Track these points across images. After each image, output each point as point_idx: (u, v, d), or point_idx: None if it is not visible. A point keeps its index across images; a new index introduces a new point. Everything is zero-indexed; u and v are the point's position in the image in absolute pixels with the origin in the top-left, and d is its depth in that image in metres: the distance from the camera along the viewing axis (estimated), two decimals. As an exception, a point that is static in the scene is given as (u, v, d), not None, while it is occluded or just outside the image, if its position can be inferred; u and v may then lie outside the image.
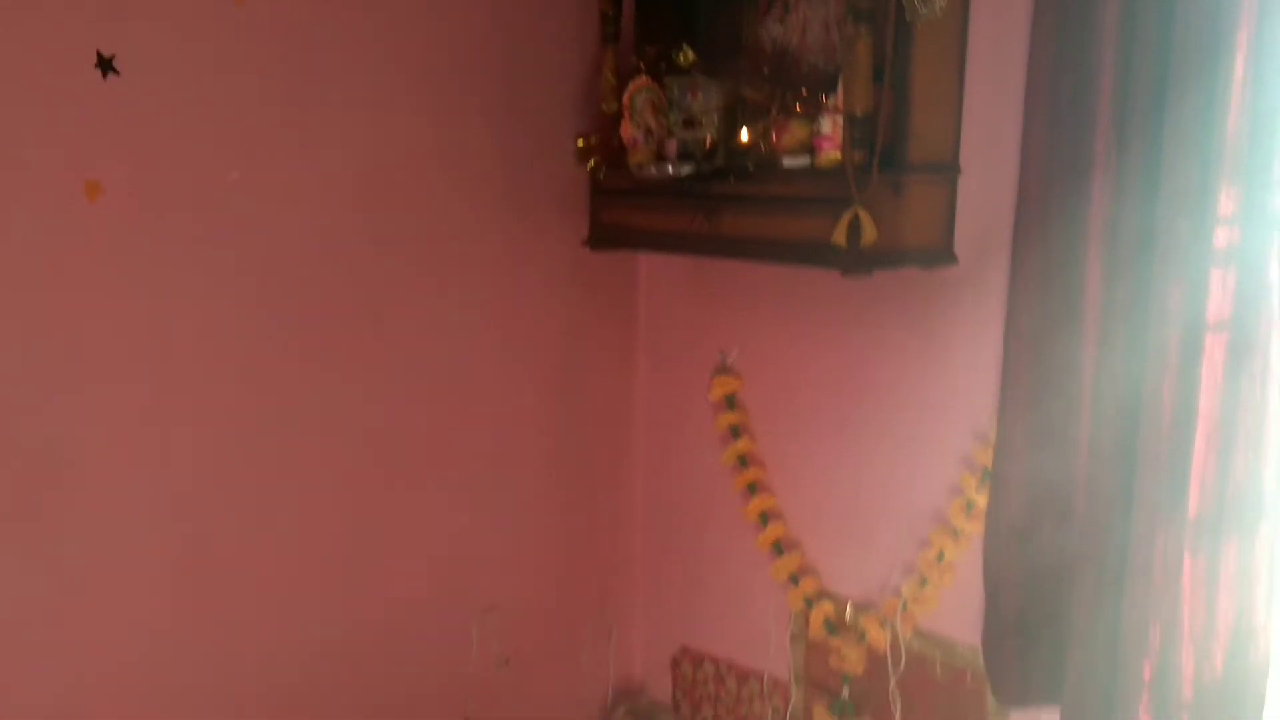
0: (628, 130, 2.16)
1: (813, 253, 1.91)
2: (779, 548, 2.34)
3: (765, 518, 2.35)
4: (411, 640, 2.31)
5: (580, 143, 2.30)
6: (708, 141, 2.10)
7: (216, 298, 1.96)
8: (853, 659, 2.21)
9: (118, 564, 1.91)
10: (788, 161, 1.97)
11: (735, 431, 2.41)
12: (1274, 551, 1.59)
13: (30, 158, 1.74)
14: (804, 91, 2.02)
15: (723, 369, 2.44)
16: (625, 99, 2.16)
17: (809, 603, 2.28)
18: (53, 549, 1.83)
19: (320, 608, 2.17)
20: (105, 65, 1.78)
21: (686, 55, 2.11)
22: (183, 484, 1.96)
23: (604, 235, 2.33)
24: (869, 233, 1.83)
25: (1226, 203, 1.56)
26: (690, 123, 2.11)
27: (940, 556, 2.07)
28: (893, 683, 2.15)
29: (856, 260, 1.86)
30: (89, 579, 1.88)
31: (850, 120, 1.82)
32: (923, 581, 2.10)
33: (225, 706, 2.05)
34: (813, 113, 1.95)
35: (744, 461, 2.40)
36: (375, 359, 2.18)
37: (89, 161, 1.79)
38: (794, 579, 2.31)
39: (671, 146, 2.12)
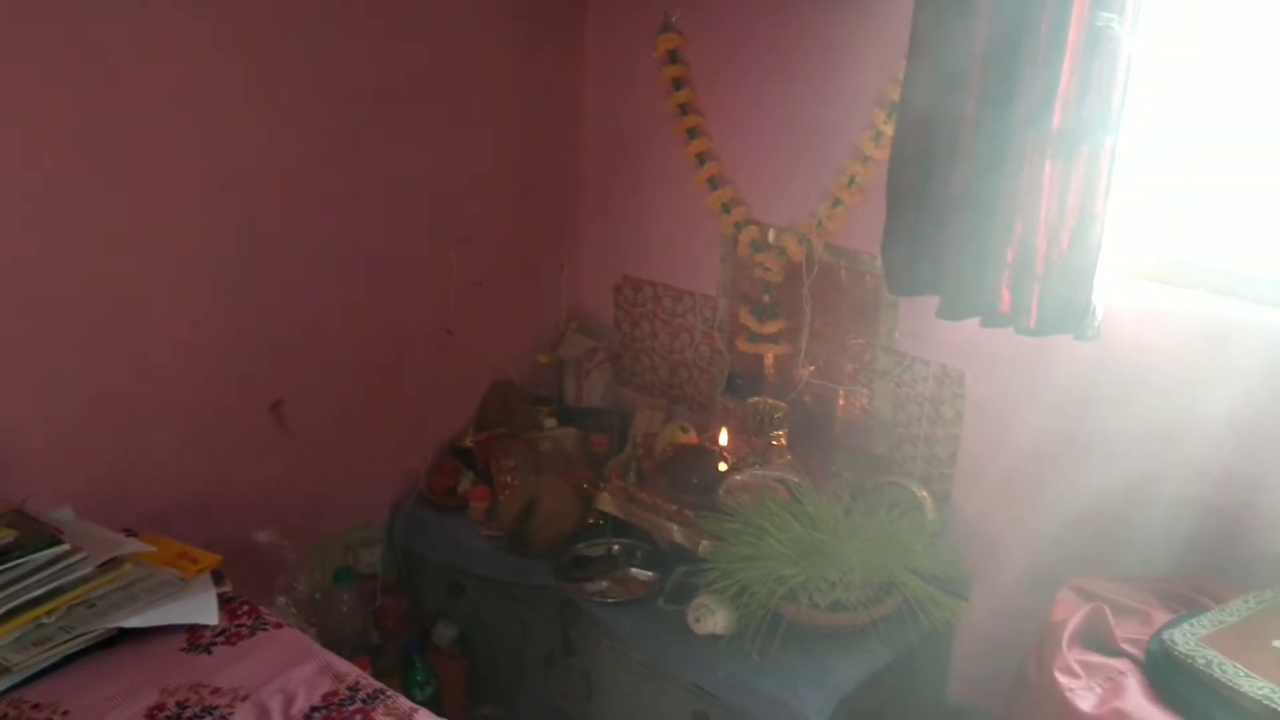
0: None
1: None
2: (714, 183, 2.75)
3: (702, 158, 2.75)
4: (405, 264, 2.71)
5: None
6: None
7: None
8: (774, 270, 2.69)
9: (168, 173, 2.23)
10: None
11: (677, 83, 2.76)
12: (1114, 157, 2.07)
13: None
14: None
15: (667, 27, 2.75)
16: None
17: (738, 227, 2.74)
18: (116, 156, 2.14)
19: (333, 234, 2.54)
20: None
21: None
22: (224, 104, 2.27)
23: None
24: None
25: None
26: None
27: (851, 181, 2.52)
28: (806, 287, 2.66)
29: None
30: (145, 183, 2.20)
31: None
32: (835, 202, 2.56)
33: (240, 300, 2.43)
34: None
35: (684, 110, 2.76)
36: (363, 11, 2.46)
37: None
38: (726, 209, 2.75)
39: None
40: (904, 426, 2.61)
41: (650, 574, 2.52)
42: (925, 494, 2.49)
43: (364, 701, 1.79)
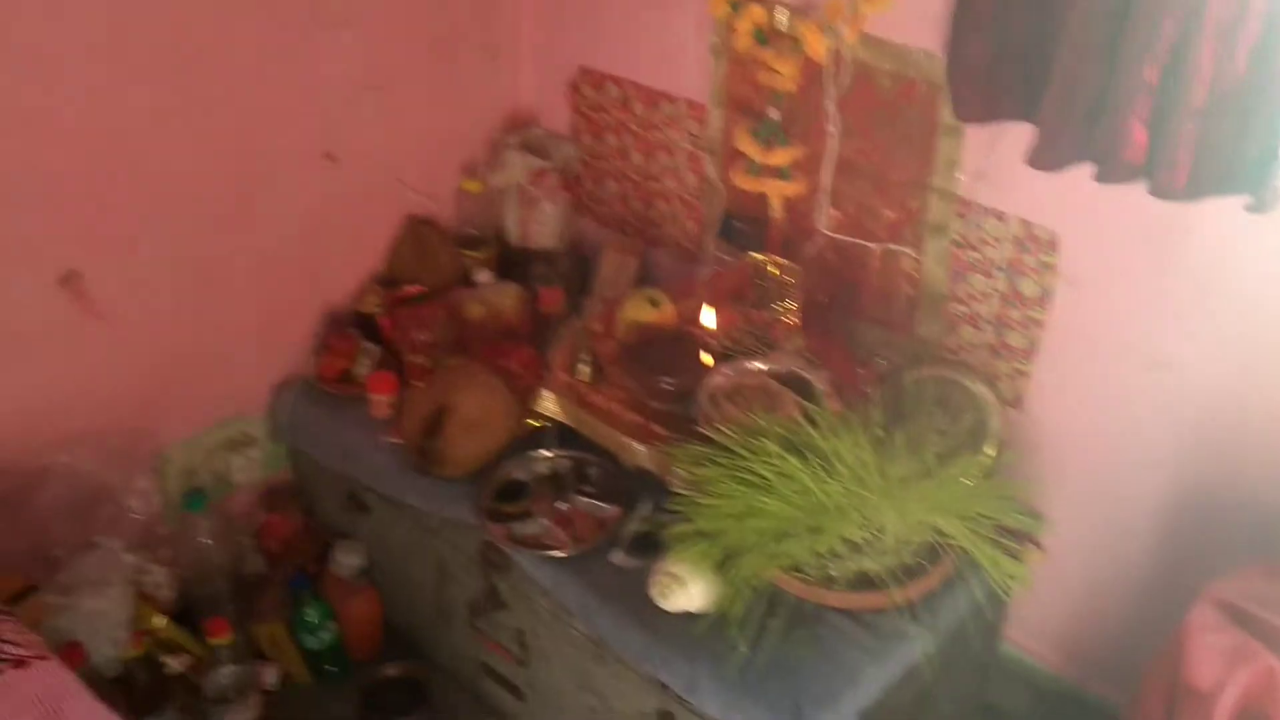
0: None
1: None
2: (701, -62, 1.89)
3: (684, -101, 1.88)
4: (259, 62, 1.92)
5: None
6: None
7: None
8: (785, 74, 1.87)
9: None
10: None
11: None
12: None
13: None
14: None
15: None
16: None
17: (735, 7, 1.89)
18: None
19: (144, 22, 1.75)
20: None
21: None
22: None
23: None
24: None
25: None
26: None
27: (906, -60, 1.66)
28: (831, 101, 1.85)
29: None
30: None
31: None
32: (880, -27, 1.71)
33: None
34: None
35: None
36: None
37: None
38: (718, -22, 1.89)
39: None
40: (963, 303, 1.86)
41: (606, 507, 1.85)
42: (990, 396, 1.78)
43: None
